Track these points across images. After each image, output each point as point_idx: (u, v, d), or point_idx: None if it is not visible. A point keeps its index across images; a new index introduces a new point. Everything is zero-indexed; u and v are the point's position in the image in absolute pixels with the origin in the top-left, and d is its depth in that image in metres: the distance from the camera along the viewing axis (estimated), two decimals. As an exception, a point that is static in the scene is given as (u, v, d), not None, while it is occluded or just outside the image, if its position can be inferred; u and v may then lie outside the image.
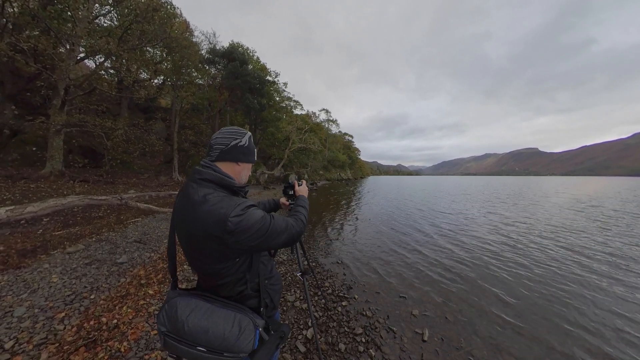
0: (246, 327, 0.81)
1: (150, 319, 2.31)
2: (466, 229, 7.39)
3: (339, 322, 2.59)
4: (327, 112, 58.25)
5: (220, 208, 0.78)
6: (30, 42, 8.35)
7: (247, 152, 0.99)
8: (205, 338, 0.76)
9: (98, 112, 13.06)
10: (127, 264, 3.50)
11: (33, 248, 3.73)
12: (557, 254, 5.06)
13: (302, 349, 2.14)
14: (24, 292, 2.57)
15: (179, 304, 0.82)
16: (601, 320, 2.82)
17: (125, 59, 10.65)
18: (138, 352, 1.90)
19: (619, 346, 2.40)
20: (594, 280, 3.86)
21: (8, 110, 10.22)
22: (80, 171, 10.54)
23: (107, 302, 2.51)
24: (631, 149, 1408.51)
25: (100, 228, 5.00)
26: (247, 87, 19.97)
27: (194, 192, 0.83)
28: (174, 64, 15.26)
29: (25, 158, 10.23)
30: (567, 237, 6.45)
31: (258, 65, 26.34)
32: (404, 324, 2.66)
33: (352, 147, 78.79)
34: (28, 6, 8.50)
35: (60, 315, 2.26)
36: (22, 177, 8.09)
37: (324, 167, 46.92)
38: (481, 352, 2.27)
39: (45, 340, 1.95)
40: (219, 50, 20.62)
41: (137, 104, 19.45)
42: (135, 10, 10.72)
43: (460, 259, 4.75)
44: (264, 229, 0.82)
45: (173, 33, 12.76)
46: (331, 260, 4.58)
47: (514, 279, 3.88)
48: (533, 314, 2.92)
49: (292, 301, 2.90)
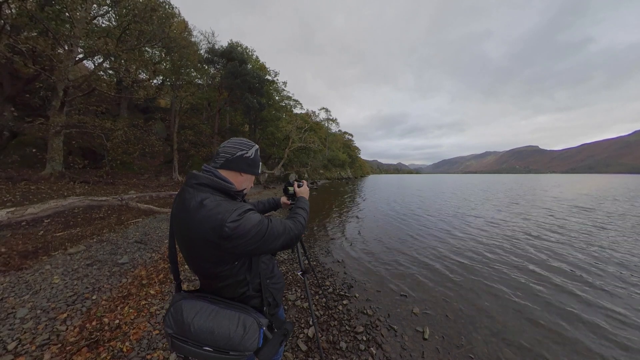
0: (250, 326, 0.83)
1: (152, 319, 2.32)
2: (467, 228, 7.39)
3: (340, 321, 2.60)
4: (326, 111, 58.16)
5: (217, 213, 0.78)
6: (29, 43, 8.32)
7: (251, 164, 1.00)
8: (211, 338, 0.78)
9: (97, 113, 13.07)
10: (128, 264, 3.51)
11: (34, 249, 3.73)
12: (558, 252, 5.07)
13: (303, 347, 2.15)
14: (26, 294, 2.58)
15: (184, 307, 0.84)
16: (599, 321, 2.83)
17: (124, 60, 10.63)
18: (140, 352, 1.91)
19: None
20: (592, 279, 3.86)
21: (7, 112, 10.21)
22: (81, 172, 10.54)
23: (108, 303, 2.52)
24: (632, 147, 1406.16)
25: (101, 229, 5.01)
26: (246, 86, 19.91)
27: (191, 198, 0.83)
28: (173, 64, 15.22)
29: (25, 160, 10.22)
30: (569, 234, 6.46)
31: (257, 64, 26.25)
32: (404, 322, 2.67)
33: (352, 146, 78.65)
34: (26, 7, 8.47)
35: (62, 316, 2.27)
36: (22, 179, 8.09)
37: (324, 166, 46.89)
38: (482, 350, 2.27)
39: (48, 341, 1.95)
40: (218, 49, 20.54)
41: (137, 105, 19.43)
42: (134, 10, 10.67)
43: (461, 257, 4.75)
44: (261, 233, 0.82)
45: (172, 33, 12.72)
46: (332, 259, 4.59)
47: (515, 277, 3.89)
48: (534, 312, 2.93)
49: (293, 300, 2.91)
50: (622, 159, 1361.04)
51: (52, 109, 9.31)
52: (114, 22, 12.12)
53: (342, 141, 70.97)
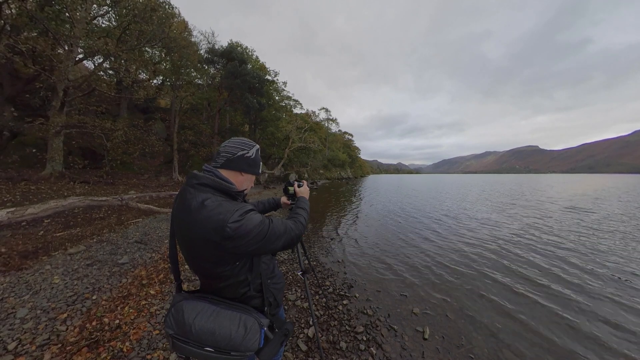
0: (251, 327, 0.83)
1: (152, 319, 2.32)
2: (467, 229, 7.39)
3: (340, 321, 2.60)
4: (326, 111, 58.17)
5: (219, 214, 0.78)
6: (29, 43, 8.33)
7: (252, 164, 1.00)
8: (212, 339, 0.78)
9: (97, 113, 13.05)
10: (128, 264, 3.51)
11: (34, 249, 3.73)
12: (559, 254, 5.07)
13: (303, 347, 2.15)
14: (26, 294, 2.58)
15: (185, 308, 0.84)
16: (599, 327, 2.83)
17: (124, 60, 10.64)
18: (140, 352, 1.91)
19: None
20: (591, 278, 3.86)
21: (7, 112, 10.21)
22: (81, 172, 10.54)
23: (109, 303, 2.52)
24: (632, 147, 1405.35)
25: (101, 229, 5.01)
26: (246, 86, 19.92)
27: (192, 198, 0.83)
28: (173, 64, 15.22)
29: (25, 160, 10.23)
30: (563, 233, 6.46)
31: (257, 64, 26.25)
32: (404, 322, 2.67)
33: (352, 146, 78.65)
34: (26, 7, 8.48)
35: (62, 316, 2.27)
36: (22, 179, 8.09)
37: (324, 166, 46.90)
38: (482, 350, 2.27)
39: (48, 341, 1.95)
40: (218, 49, 20.54)
41: (137, 105, 19.42)
42: (134, 10, 10.68)
43: (462, 258, 4.76)
44: (262, 233, 0.82)
45: (172, 33, 12.73)
46: (332, 259, 4.59)
47: (515, 277, 3.89)
48: (534, 312, 2.93)
49: (293, 300, 2.91)
50: (622, 158, 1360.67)
51: (52, 109, 9.31)
52: (114, 22, 12.13)
53: (342, 141, 70.97)
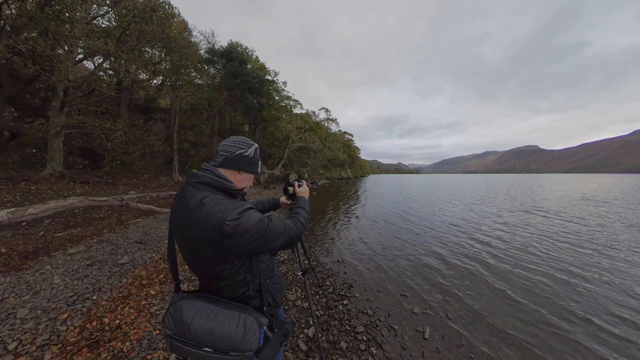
0: (251, 326, 0.83)
1: (153, 319, 2.32)
2: (468, 229, 7.39)
3: (340, 321, 2.60)
4: (326, 111, 58.10)
5: (218, 212, 0.77)
6: (29, 43, 8.31)
7: (250, 163, 0.99)
8: (211, 339, 0.77)
9: (97, 113, 13.05)
10: (128, 264, 3.51)
11: (35, 250, 3.74)
12: (559, 252, 5.07)
13: (303, 347, 2.15)
14: (27, 294, 2.58)
15: (183, 307, 0.83)
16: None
17: (124, 60, 10.62)
18: (140, 352, 1.91)
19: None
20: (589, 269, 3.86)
21: (7, 112, 10.21)
22: (81, 172, 10.53)
23: (109, 303, 2.52)
24: (631, 146, 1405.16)
25: (101, 229, 5.01)
26: (246, 86, 19.92)
27: (191, 196, 0.83)
28: (173, 64, 15.21)
29: (26, 160, 10.22)
30: (566, 227, 6.46)
31: (257, 64, 26.24)
32: (405, 322, 2.67)
33: (352, 146, 78.61)
34: (26, 8, 8.48)
35: (62, 316, 2.28)
36: (22, 179, 8.09)
37: (324, 166, 46.88)
38: (482, 350, 2.27)
39: (49, 341, 1.96)
40: (218, 50, 20.53)
41: (137, 105, 19.42)
42: (133, 10, 10.67)
43: (462, 257, 4.76)
44: (261, 232, 0.82)
45: (171, 33, 12.71)
46: (332, 259, 4.59)
47: (515, 277, 3.89)
48: (534, 312, 2.93)
49: (293, 300, 2.91)
50: (622, 158, 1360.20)
51: (52, 110, 9.30)
52: (113, 23, 12.12)
53: (342, 141, 70.94)
